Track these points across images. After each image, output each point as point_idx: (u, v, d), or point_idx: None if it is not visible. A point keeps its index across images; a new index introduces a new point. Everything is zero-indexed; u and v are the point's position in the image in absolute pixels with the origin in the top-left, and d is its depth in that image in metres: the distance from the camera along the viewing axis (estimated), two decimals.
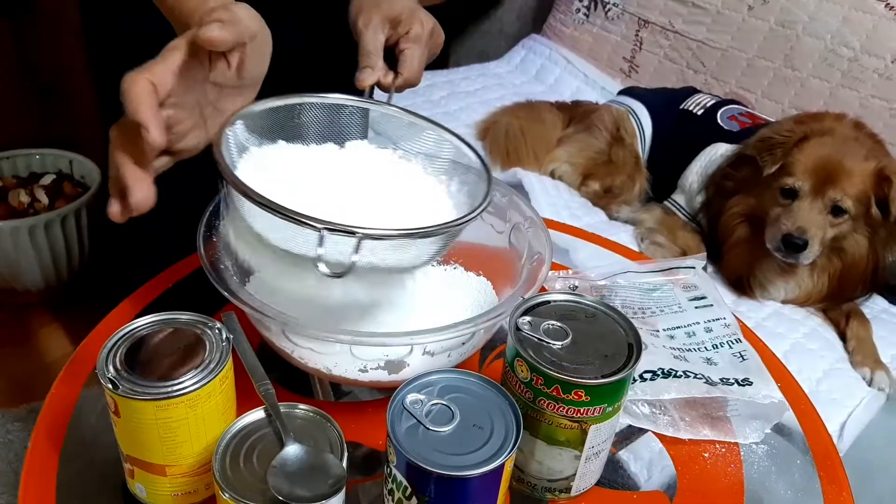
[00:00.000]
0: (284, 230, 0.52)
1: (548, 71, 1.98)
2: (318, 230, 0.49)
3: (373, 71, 0.66)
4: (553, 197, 1.47)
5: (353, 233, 0.49)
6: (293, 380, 0.67)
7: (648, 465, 0.65)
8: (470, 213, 0.56)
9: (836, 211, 1.16)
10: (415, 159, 0.66)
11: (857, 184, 1.15)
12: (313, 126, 0.65)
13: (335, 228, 0.49)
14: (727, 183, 1.31)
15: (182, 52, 0.51)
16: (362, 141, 0.67)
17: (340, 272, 0.51)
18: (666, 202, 1.46)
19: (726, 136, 1.39)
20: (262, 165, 0.59)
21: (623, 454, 0.65)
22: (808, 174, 1.16)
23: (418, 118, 0.67)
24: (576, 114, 1.65)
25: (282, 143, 0.63)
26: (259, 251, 0.57)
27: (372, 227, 0.50)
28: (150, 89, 0.49)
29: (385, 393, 0.67)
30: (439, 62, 0.97)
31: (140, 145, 0.50)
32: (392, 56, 0.70)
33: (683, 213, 1.42)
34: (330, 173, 0.63)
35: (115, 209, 0.53)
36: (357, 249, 0.50)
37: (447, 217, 0.55)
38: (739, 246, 1.28)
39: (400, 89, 0.69)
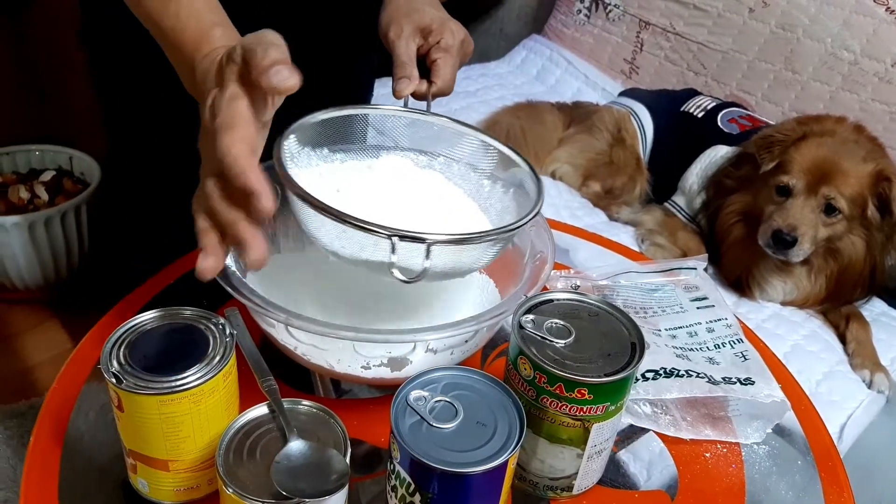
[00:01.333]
0: (353, 240, 0.53)
1: (548, 72, 1.98)
2: (390, 238, 0.50)
3: (410, 81, 0.66)
4: (553, 197, 1.47)
5: (422, 240, 0.51)
6: (294, 376, 0.67)
7: (649, 465, 0.66)
8: (527, 215, 0.57)
9: (830, 210, 1.16)
10: (455, 165, 0.68)
11: (852, 184, 1.15)
12: (358, 136, 0.66)
13: (406, 235, 0.50)
14: (727, 181, 1.32)
15: (246, 100, 0.50)
16: (398, 152, 0.68)
17: (414, 278, 0.53)
18: (666, 203, 1.46)
19: (726, 139, 1.39)
20: (313, 177, 0.61)
21: (623, 454, 0.66)
22: (803, 172, 1.17)
23: (461, 125, 0.68)
24: (576, 115, 1.65)
25: (327, 152, 0.65)
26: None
27: (439, 233, 0.51)
28: (250, 152, 0.49)
29: (386, 391, 0.67)
30: None
31: (244, 203, 0.49)
32: (423, 65, 0.70)
33: (684, 215, 1.42)
34: (376, 184, 0.64)
35: (209, 264, 0.50)
36: (427, 255, 0.51)
37: (496, 222, 0.57)
38: (737, 245, 1.29)
39: (433, 98, 0.70)
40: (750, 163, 1.26)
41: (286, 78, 0.48)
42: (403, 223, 0.51)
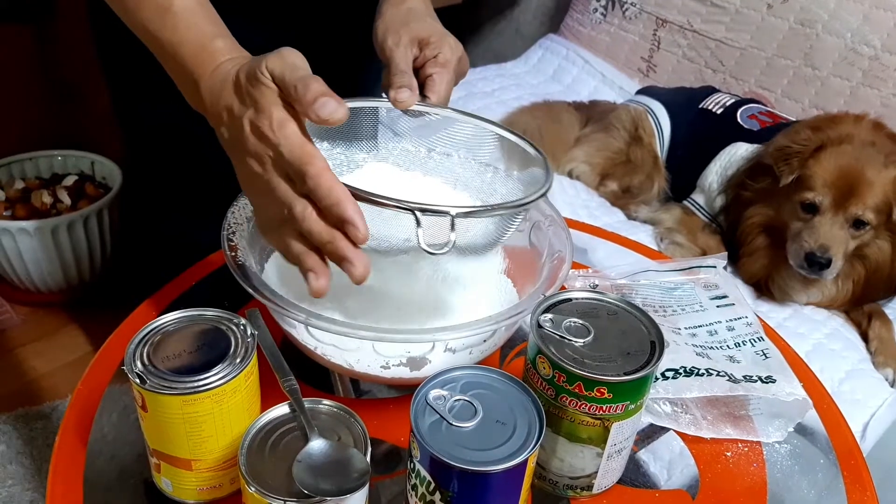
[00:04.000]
0: (377, 221, 0.53)
1: (565, 71, 1.98)
2: (413, 212, 0.51)
3: (410, 91, 0.63)
4: (571, 196, 1.47)
5: (445, 212, 0.51)
6: (314, 376, 0.67)
7: (669, 465, 0.65)
8: (542, 187, 0.57)
9: (858, 224, 1.15)
10: (455, 154, 0.68)
11: (877, 194, 1.13)
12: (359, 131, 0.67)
13: (429, 209, 0.51)
14: (745, 193, 1.30)
15: (295, 124, 0.51)
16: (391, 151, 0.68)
17: (441, 250, 0.53)
18: (685, 202, 1.45)
19: (746, 136, 1.38)
20: None
21: (643, 454, 0.65)
22: (827, 188, 1.15)
23: (459, 113, 0.67)
24: (593, 113, 1.64)
25: (326, 145, 0.65)
26: None
27: (462, 206, 0.52)
28: (337, 180, 0.50)
29: (405, 391, 0.67)
30: None
31: (337, 222, 0.50)
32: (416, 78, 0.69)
33: (703, 214, 1.41)
34: (376, 174, 0.65)
35: (322, 283, 0.52)
36: (452, 227, 0.52)
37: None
38: (758, 253, 1.27)
39: None
40: (768, 174, 1.24)
41: (334, 110, 0.49)
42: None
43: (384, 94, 0.66)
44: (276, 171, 0.51)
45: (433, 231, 0.52)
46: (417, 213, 0.51)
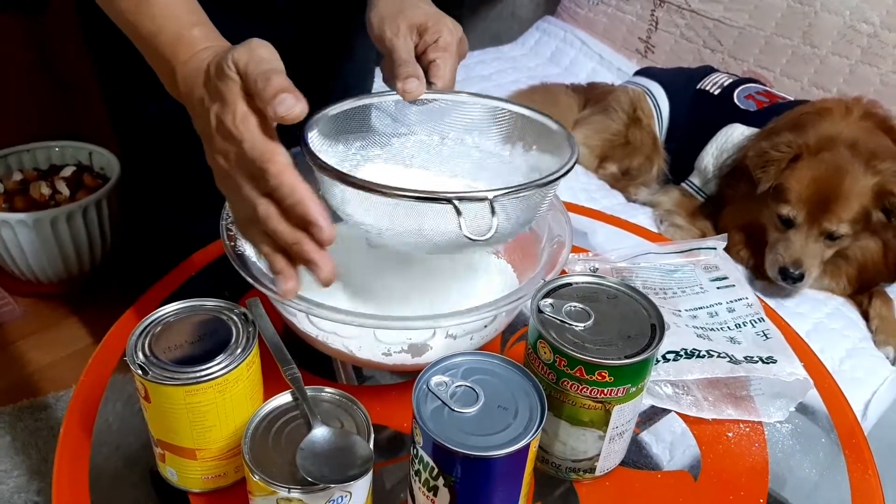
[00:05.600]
0: (409, 216, 0.53)
1: (563, 53, 1.97)
2: (451, 202, 0.50)
3: (418, 80, 0.62)
4: (570, 180, 1.45)
5: (483, 198, 0.51)
6: (316, 364, 0.67)
7: (671, 446, 0.66)
8: (569, 160, 0.57)
9: (832, 236, 1.16)
10: (468, 138, 0.67)
11: (853, 206, 1.13)
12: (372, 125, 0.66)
13: (466, 196, 0.51)
14: (728, 191, 1.32)
15: (256, 119, 0.50)
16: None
17: (483, 237, 0.53)
18: (683, 184, 1.45)
19: (743, 117, 1.37)
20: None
21: (645, 436, 0.66)
22: (802, 203, 1.15)
23: (468, 95, 0.66)
24: (591, 96, 1.64)
25: (342, 147, 0.64)
26: None
27: (499, 189, 0.52)
28: (299, 177, 0.49)
29: (407, 377, 0.68)
30: None
31: (303, 223, 0.50)
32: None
33: (701, 196, 1.41)
34: (389, 167, 0.64)
35: (291, 286, 0.52)
36: (493, 212, 0.51)
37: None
38: (737, 248, 1.29)
39: None
40: (748, 179, 1.23)
41: (291, 107, 0.48)
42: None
43: (385, 85, 0.66)
44: (239, 168, 0.51)
45: (472, 219, 0.52)
46: (456, 202, 0.50)
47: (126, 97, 0.89)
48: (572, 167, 0.56)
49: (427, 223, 0.53)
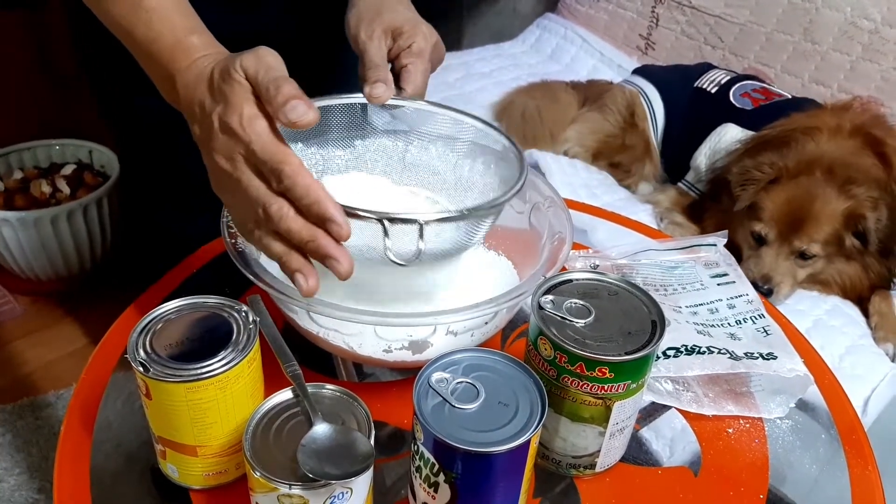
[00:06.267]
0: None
1: (563, 50, 1.96)
2: (381, 221, 0.51)
3: (386, 85, 0.62)
4: (570, 176, 1.46)
5: (414, 220, 0.51)
6: (317, 361, 0.67)
7: (671, 442, 0.66)
8: (513, 187, 0.57)
9: (804, 255, 1.17)
10: (432, 148, 0.67)
11: (824, 229, 1.15)
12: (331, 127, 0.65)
13: (396, 218, 0.51)
14: (708, 201, 1.33)
15: (265, 121, 0.50)
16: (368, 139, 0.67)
17: (408, 261, 0.53)
18: (680, 183, 1.45)
19: (738, 116, 1.37)
20: None
21: (645, 432, 0.66)
22: (773, 221, 1.18)
23: (437, 106, 0.66)
24: (591, 93, 1.64)
25: (300, 146, 0.64)
26: None
27: (430, 213, 0.52)
28: (313, 177, 0.49)
29: (407, 374, 0.68)
30: (453, 44, 0.95)
31: (318, 220, 0.50)
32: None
33: (696, 194, 1.41)
34: (352, 175, 0.64)
35: (312, 283, 0.51)
36: (421, 235, 0.51)
37: (479, 200, 0.56)
38: None
39: None
40: (729, 194, 1.25)
41: (303, 113, 0.48)
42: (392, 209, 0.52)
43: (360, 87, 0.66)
44: (248, 168, 0.51)
45: (401, 240, 0.52)
46: (385, 223, 0.51)
47: (119, 94, 0.88)
48: (511, 197, 0.57)
49: (360, 239, 0.54)
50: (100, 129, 1.79)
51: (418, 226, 0.51)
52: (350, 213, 0.50)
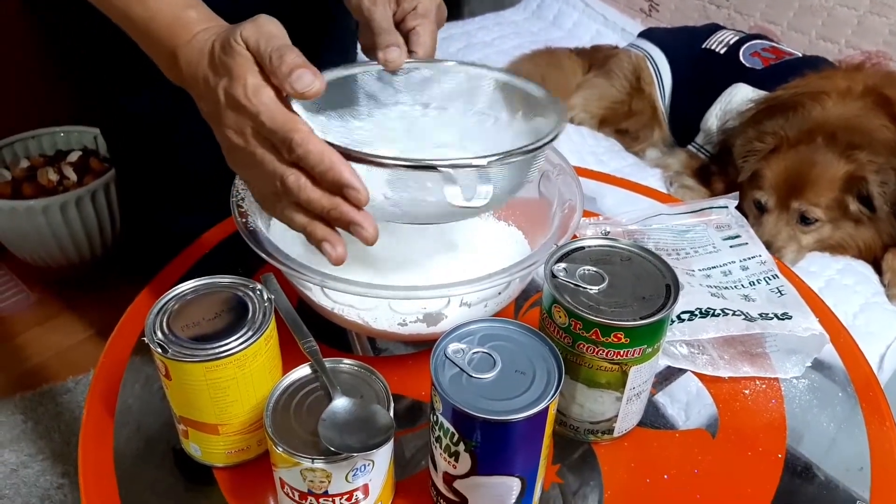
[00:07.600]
0: (404, 183, 0.52)
1: (565, 15, 1.94)
2: (444, 171, 0.50)
3: (399, 48, 0.61)
4: (577, 144, 1.45)
5: (478, 165, 0.51)
6: (332, 337, 0.68)
7: (686, 406, 0.66)
8: (558, 125, 0.56)
9: (806, 220, 1.17)
10: (451, 107, 0.66)
11: (824, 192, 1.14)
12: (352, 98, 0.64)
13: (459, 164, 0.50)
14: (713, 167, 1.33)
15: (271, 90, 0.50)
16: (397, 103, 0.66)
17: (482, 205, 0.53)
18: (690, 146, 1.44)
19: (748, 76, 1.35)
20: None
21: (661, 396, 0.66)
22: (773, 188, 1.18)
23: (450, 63, 0.65)
24: (595, 59, 1.62)
25: (322, 118, 0.63)
26: None
27: (489, 155, 0.51)
28: (325, 143, 0.49)
29: (421, 347, 0.68)
30: (454, 13, 0.94)
31: (335, 188, 0.50)
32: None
33: (706, 156, 1.40)
34: (383, 137, 0.63)
35: (340, 251, 0.51)
36: (485, 178, 0.51)
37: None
38: None
39: None
40: (733, 164, 1.25)
41: (310, 83, 0.48)
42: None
43: (364, 55, 0.65)
44: (258, 141, 0.50)
45: (463, 187, 0.52)
46: (449, 170, 0.50)
47: (104, 94, 0.87)
48: (559, 133, 0.56)
49: (424, 192, 0.53)
50: None
51: (479, 170, 0.51)
52: (413, 166, 0.50)
